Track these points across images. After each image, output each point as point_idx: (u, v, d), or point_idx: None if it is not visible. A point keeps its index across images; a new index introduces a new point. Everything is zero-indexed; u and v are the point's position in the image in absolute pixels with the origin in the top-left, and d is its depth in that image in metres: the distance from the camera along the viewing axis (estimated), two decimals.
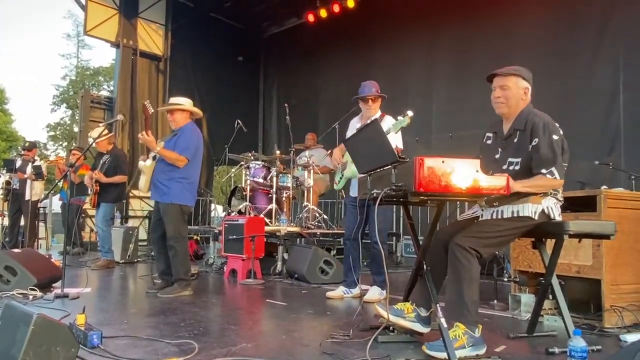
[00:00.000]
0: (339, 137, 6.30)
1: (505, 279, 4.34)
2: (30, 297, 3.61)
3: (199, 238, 7.36)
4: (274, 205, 6.08)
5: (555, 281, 2.48)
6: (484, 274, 2.40)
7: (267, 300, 3.88)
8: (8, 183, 7.37)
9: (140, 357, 2.15)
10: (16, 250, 4.65)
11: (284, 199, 6.43)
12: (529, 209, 2.39)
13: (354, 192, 3.98)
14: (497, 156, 2.56)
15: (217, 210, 11.65)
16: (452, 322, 2.23)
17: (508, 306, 3.37)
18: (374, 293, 3.80)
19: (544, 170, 2.34)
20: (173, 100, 4.30)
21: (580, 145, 5.61)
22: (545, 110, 2.60)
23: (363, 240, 3.86)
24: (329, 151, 6.99)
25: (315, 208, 6.42)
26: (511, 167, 2.46)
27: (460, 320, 2.22)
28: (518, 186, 2.26)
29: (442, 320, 2.20)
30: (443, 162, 2.07)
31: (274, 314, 3.40)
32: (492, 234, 2.37)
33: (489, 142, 2.69)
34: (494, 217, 2.45)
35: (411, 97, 8.17)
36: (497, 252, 4.66)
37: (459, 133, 7.20)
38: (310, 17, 9.39)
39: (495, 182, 2.16)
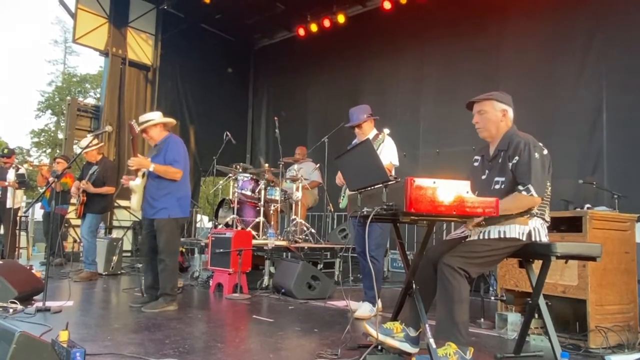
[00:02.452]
0: (328, 151, 6.33)
1: (492, 297, 4.36)
2: (11, 310, 3.52)
3: (184, 250, 7.28)
4: (261, 218, 6.05)
5: (542, 302, 2.50)
6: (471, 291, 2.40)
7: (254, 316, 3.84)
8: None
9: None
10: None
11: (271, 211, 6.41)
12: (516, 230, 2.43)
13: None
14: (483, 177, 2.62)
15: (203, 221, 11.56)
16: (443, 342, 2.23)
17: (494, 324, 3.39)
18: (365, 309, 3.78)
19: (520, 187, 2.40)
20: (142, 118, 4.19)
21: (564, 164, 5.72)
22: (530, 129, 2.68)
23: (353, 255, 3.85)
24: (318, 165, 7.01)
25: (303, 222, 6.40)
26: (497, 187, 2.52)
27: (452, 340, 2.22)
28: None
29: (431, 340, 2.21)
30: (434, 182, 2.09)
31: (261, 330, 3.36)
32: (480, 254, 2.39)
33: (476, 164, 2.76)
34: (481, 237, 2.47)
35: (399, 112, 8.25)
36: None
37: (446, 149, 7.30)
38: (301, 31, 9.47)
39: (484, 203, 2.18)
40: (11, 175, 7.20)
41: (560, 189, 4.98)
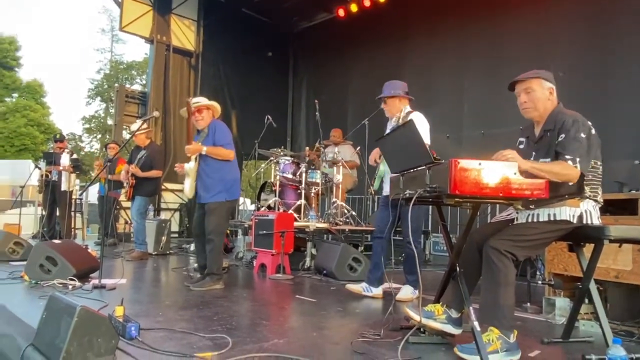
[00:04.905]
0: (368, 133, 6.28)
1: (539, 282, 4.25)
2: (70, 287, 3.75)
3: (228, 232, 7.48)
4: (302, 201, 6.12)
5: (593, 286, 2.42)
6: (517, 275, 2.35)
7: (297, 295, 3.92)
8: (46, 175, 7.65)
9: (176, 351, 2.21)
10: (56, 241, 4.84)
11: (312, 194, 6.46)
12: (567, 213, 2.34)
13: (385, 190, 3.97)
14: (531, 159, 2.51)
15: (246, 204, 11.81)
16: (486, 326, 2.21)
17: (541, 309, 3.31)
18: (407, 292, 3.79)
19: (567, 157, 2.26)
20: (196, 100, 4.32)
21: (619, 145, 5.44)
22: (582, 107, 2.56)
23: (396, 239, 3.84)
24: (358, 147, 6.98)
25: (344, 204, 6.43)
26: None
27: (495, 325, 2.19)
28: (527, 165, 2.16)
29: (476, 323, 2.18)
30: (480, 164, 2.04)
31: (304, 310, 3.43)
32: (528, 237, 2.33)
33: (521, 146, 2.65)
34: (530, 220, 2.40)
35: (442, 93, 8.05)
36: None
37: (492, 131, 7.07)
38: (341, 12, 9.36)
39: (533, 185, 2.11)
40: (65, 160, 7.59)
41: (615, 170, 4.76)
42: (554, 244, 3.16)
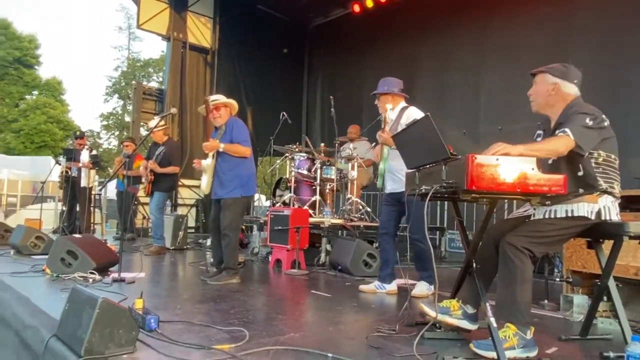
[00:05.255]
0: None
1: (557, 279, 4.21)
2: (90, 280, 3.84)
3: (244, 227, 7.54)
4: (317, 197, 6.14)
5: (612, 284, 2.40)
6: (535, 272, 2.33)
7: (312, 291, 3.95)
8: (67, 171, 7.80)
9: (195, 343, 2.25)
10: (76, 235, 4.94)
11: (327, 190, 6.47)
12: (585, 209, 2.32)
13: (388, 188, 3.96)
14: None
15: (261, 200, 11.88)
16: (503, 323, 2.20)
17: (559, 307, 3.28)
18: (422, 288, 3.79)
19: (562, 131, 2.24)
20: (214, 97, 4.38)
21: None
22: (601, 102, 2.54)
23: (404, 235, 3.82)
24: (373, 144, 6.97)
25: (359, 200, 6.43)
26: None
27: (512, 321, 2.19)
28: (520, 148, 2.12)
29: (492, 319, 2.18)
30: (497, 159, 2.03)
31: (319, 305, 3.45)
32: (545, 234, 2.31)
33: (538, 139, 2.64)
34: (547, 216, 2.38)
35: (458, 88, 7.99)
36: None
37: (509, 126, 6.99)
38: (356, 8, 9.33)
39: (551, 181, 2.10)
40: (85, 157, 7.73)
41: (635, 166, 4.66)
42: (572, 240, 3.14)
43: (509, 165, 2.05)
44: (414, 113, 3.79)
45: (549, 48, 6.69)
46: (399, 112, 3.90)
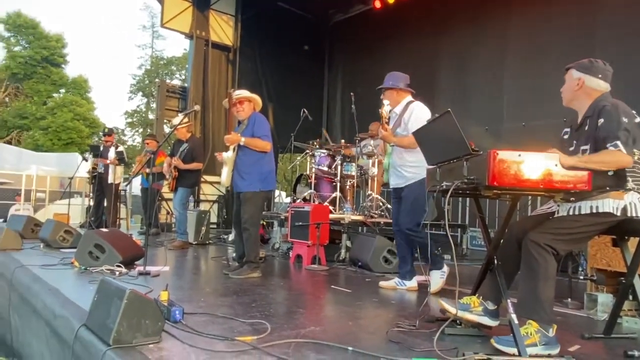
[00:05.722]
0: None
1: (581, 277, 4.14)
2: (117, 273, 3.95)
3: (264, 223, 7.62)
4: (338, 194, 6.16)
5: (637, 282, 2.36)
6: (558, 270, 2.30)
7: (332, 286, 3.98)
8: (94, 168, 8.01)
9: (218, 334, 2.30)
10: (104, 229, 5.08)
11: (347, 187, 6.49)
12: (610, 205, 2.28)
13: (391, 182, 3.96)
14: (571, 149, 2.49)
15: (281, 197, 11.97)
16: (524, 320, 2.19)
17: (583, 305, 3.23)
18: (436, 281, 3.75)
19: (608, 144, 2.24)
20: (238, 92, 4.46)
21: None
22: (629, 97, 2.51)
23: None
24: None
25: (379, 197, 6.43)
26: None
27: (534, 318, 2.17)
28: (573, 160, 2.12)
29: (513, 315, 2.17)
30: (519, 155, 2.02)
31: (339, 300, 3.48)
32: (569, 231, 2.28)
33: (566, 136, 2.63)
34: (572, 213, 2.35)
35: (481, 84, 7.89)
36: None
37: (533, 123, 6.89)
38: (377, 3, 9.28)
39: (576, 177, 2.07)
40: (112, 154, 7.93)
41: None
42: (597, 238, 3.09)
43: (532, 161, 2.04)
44: (416, 108, 3.80)
45: (574, 43, 6.55)
46: (403, 107, 3.90)
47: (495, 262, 2.43)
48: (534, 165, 2.04)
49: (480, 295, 2.54)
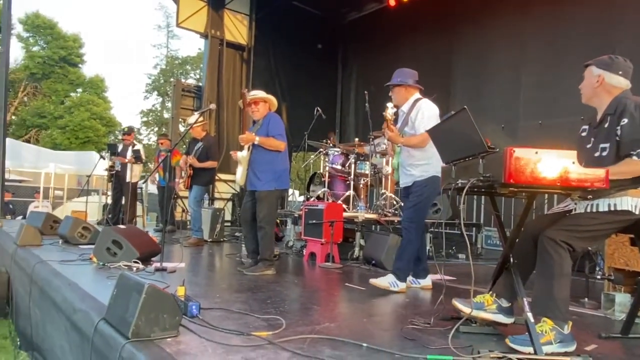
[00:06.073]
0: None
1: (598, 277, 4.09)
2: (134, 269, 4.01)
3: (278, 221, 7.66)
4: (351, 192, 6.17)
5: None
6: (575, 270, 2.28)
7: (346, 283, 3.99)
8: (112, 166, 8.14)
9: (235, 329, 2.34)
10: (121, 226, 5.16)
11: (361, 185, 6.50)
12: (628, 203, 2.26)
13: (400, 181, 3.94)
14: (589, 145, 2.47)
15: (295, 195, 12.03)
16: (539, 317, 2.18)
17: (600, 305, 3.20)
18: (385, 282, 3.61)
19: (632, 153, 2.22)
20: (253, 93, 4.50)
21: None
22: None
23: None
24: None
25: (393, 195, 6.42)
26: (603, 154, 2.36)
27: (548, 316, 2.16)
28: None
29: (529, 314, 2.16)
30: (536, 152, 2.01)
31: (354, 297, 3.49)
32: (586, 228, 2.26)
33: (584, 134, 2.60)
34: (589, 210, 2.33)
35: (497, 82, 7.82)
36: (589, 248, 4.39)
37: (550, 121, 6.81)
38: (392, 2, 9.23)
39: (592, 174, 2.05)
40: (130, 152, 8.05)
41: None
42: (615, 237, 3.06)
43: (549, 158, 2.02)
44: (423, 106, 3.78)
45: (592, 41, 6.45)
46: (411, 105, 3.88)
47: (511, 260, 2.42)
48: (551, 162, 2.02)
49: (494, 293, 2.53)
